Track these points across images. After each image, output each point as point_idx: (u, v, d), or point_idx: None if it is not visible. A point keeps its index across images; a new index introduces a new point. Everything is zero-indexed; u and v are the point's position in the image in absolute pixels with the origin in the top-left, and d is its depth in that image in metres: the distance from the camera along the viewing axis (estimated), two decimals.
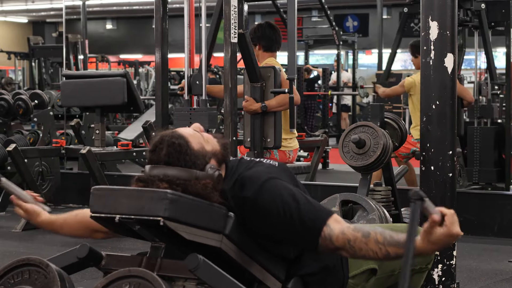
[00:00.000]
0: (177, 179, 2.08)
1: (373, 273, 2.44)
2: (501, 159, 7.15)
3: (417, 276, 2.59)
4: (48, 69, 14.66)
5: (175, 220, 2.00)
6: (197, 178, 2.09)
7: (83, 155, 5.64)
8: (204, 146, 2.18)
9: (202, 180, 2.09)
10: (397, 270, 2.50)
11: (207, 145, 2.19)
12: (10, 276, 2.03)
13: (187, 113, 4.33)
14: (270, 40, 5.16)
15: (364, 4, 19.77)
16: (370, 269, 2.43)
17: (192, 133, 2.20)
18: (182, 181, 2.08)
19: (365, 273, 2.43)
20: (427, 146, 3.23)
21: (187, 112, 4.34)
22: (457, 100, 3.32)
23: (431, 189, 3.19)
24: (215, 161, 2.18)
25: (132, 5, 22.00)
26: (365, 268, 2.42)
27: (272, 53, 5.21)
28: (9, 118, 7.21)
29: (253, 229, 2.16)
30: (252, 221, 2.15)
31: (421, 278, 2.61)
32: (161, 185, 2.07)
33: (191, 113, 4.31)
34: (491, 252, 4.99)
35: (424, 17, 3.23)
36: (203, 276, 1.97)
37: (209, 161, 2.16)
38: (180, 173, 2.09)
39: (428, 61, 3.21)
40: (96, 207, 2.11)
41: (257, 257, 2.17)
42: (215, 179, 2.12)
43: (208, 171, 2.12)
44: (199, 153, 2.15)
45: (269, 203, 2.12)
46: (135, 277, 1.95)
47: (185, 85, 4.57)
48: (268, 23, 5.31)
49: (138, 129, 9.17)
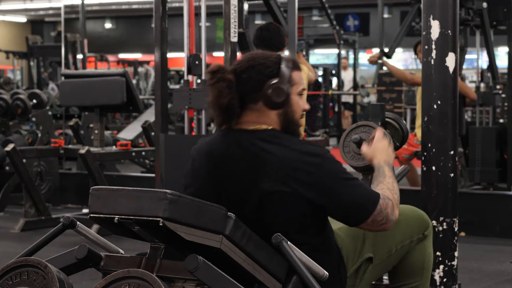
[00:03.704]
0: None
1: (369, 262, 2.44)
2: (503, 159, 7.15)
3: (418, 248, 2.55)
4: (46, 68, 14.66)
5: (174, 221, 1.99)
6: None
7: (82, 155, 5.62)
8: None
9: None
10: (393, 249, 2.48)
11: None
12: (8, 277, 2.02)
13: (187, 93, 4.31)
14: (268, 43, 5.12)
15: (365, 3, 19.80)
16: (365, 259, 2.42)
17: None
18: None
19: (362, 266, 2.42)
20: (428, 146, 3.22)
21: (187, 92, 4.32)
22: (458, 100, 3.31)
23: (432, 189, 3.18)
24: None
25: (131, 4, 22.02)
26: (361, 261, 2.41)
27: None
28: (7, 118, 7.19)
29: (303, 201, 2.18)
30: (312, 189, 2.18)
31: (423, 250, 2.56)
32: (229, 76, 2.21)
33: (190, 93, 4.29)
34: (493, 253, 4.98)
35: (425, 16, 3.22)
36: (202, 277, 1.96)
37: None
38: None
39: (429, 60, 3.20)
40: (95, 208, 2.10)
41: (257, 258, 2.16)
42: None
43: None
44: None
45: (334, 169, 2.21)
46: (134, 278, 1.94)
47: None
48: (267, 25, 5.28)
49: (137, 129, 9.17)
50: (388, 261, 2.51)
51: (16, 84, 16.81)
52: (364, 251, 2.43)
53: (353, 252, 2.43)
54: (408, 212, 2.59)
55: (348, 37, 13.18)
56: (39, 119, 6.98)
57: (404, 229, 2.53)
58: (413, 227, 2.56)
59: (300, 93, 2.32)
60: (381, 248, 2.46)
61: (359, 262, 2.42)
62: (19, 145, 6.29)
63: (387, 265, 2.53)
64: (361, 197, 2.24)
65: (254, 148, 2.23)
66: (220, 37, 17.04)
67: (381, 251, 2.46)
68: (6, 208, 6.66)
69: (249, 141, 2.25)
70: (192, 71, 4.43)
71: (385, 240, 2.49)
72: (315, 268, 2.20)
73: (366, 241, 2.45)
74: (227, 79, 2.22)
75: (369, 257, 2.43)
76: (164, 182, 4.32)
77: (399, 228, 2.50)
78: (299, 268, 2.14)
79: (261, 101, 2.26)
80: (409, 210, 2.61)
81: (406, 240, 2.53)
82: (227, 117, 2.27)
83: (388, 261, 2.51)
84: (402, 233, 2.52)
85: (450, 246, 3.17)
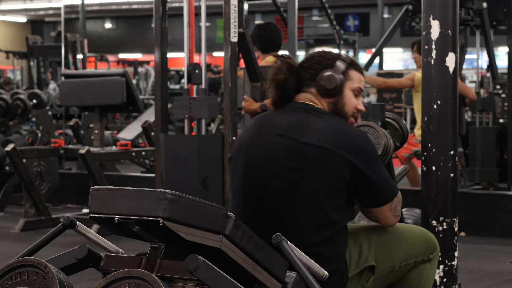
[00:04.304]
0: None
1: (371, 272, 2.44)
2: (503, 159, 7.16)
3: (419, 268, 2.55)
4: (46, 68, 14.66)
5: (174, 221, 1.99)
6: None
7: (82, 155, 5.63)
8: None
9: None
10: (397, 265, 2.48)
11: None
12: (8, 277, 2.02)
13: (187, 102, 4.32)
14: (266, 42, 5.13)
15: (365, 3, 19.82)
16: (368, 267, 2.43)
17: None
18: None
19: (364, 272, 2.43)
20: (428, 146, 3.22)
21: (187, 101, 4.33)
22: (458, 100, 3.31)
23: (432, 189, 3.18)
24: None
25: (131, 4, 22.04)
26: (363, 267, 2.42)
27: (268, 54, 5.18)
28: (7, 118, 7.19)
29: (348, 165, 2.30)
30: (356, 156, 2.31)
31: (422, 272, 2.56)
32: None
33: (190, 102, 4.30)
34: (493, 253, 4.98)
35: (425, 16, 3.22)
36: (202, 277, 1.96)
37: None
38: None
39: (429, 60, 3.20)
40: (95, 208, 2.10)
41: (257, 258, 2.16)
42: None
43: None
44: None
45: (374, 151, 2.41)
46: (134, 278, 1.94)
47: None
48: (267, 24, 5.28)
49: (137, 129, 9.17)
50: (388, 277, 2.50)
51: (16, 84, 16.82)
52: (369, 259, 2.43)
53: (357, 256, 2.43)
54: (417, 231, 2.60)
55: (348, 37, 13.18)
56: (39, 119, 6.98)
57: (410, 248, 2.52)
58: (419, 248, 2.54)
59: (356, 91, 2.47)
60: (384, 261, 2.45)
61: (362, 267, 2.42)
62: (19, 145, 6.30)
63: (386, 281, 2.52)
64: (389, 182, 2.41)
65: (306, 113, 2.39)
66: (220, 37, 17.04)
67: (384, 264, 2.45)
68: (6, 208, 6.66)
69: (302, 107, 2.40)
70: (192, 80, 4.44)
71: (389, 255, 2.48)
72: (315, 268, 2.20)
73: (371, 250, 2.45)
74: (289, 62, 2.43)
75: (372, 265, 2.42)
76: (164, 182, 4.32)
77: (405, 245, 2.51)
78: (299, 268, 2.15)
79: (315, 88, 2.43)
80: (418, 230, 2.62)
81: (411, 259, 2.52)
82: (282, 95, 2.42)
83: (389, 277, 2.50)
84: (407, 251, 2.52)
85: (450, 246, 3.17)
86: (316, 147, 2.31)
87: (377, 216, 2.45)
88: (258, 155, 2.37)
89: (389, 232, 2.50)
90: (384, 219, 2.45)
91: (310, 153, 2.31)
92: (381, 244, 2.48)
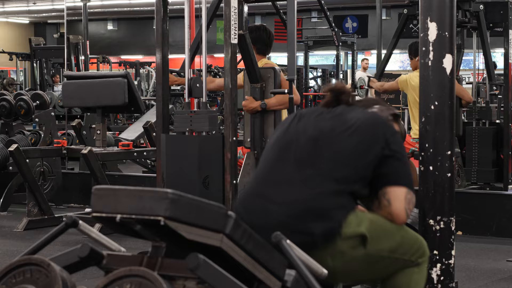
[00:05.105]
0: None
1: (362, 243, 2.45)
2: (499, 159, 7.18)
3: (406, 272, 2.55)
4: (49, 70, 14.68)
5: (175, 220, 2.01)
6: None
7: (84, 155, 5.66)
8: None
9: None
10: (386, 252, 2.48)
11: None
12: (12, 276, 2.03)
13: (188, 115, 4.34)
14: (265, 44, 5.21)
15: (364, 5, 19.81)
16: (361, 236, 2.44)
17: None
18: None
19: (356, 238, 2.43)
20: (425, 146, 3.24)
21: (188, 115, 4.35)
22: (455, 101, 3.34)
23: (430, 189, 3.20)
24: None
25: (133, 6, 22.03)
26: (357, 232, 2.43)
27: (263, 56, 5.26)
28: (10, 119, 7.23)
29: (377, 143, 2.55)
30: (385, 143, 2.55)
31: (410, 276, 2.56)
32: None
33: (191, 116, 4.32)
34: (490, 251, 5.01)
35: (423, 18, 3.24)
36: (203, 275, 1.98)
37: None
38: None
39: (426, 62, 3.22)
40: (97, 207, 2.12)
41: (257, 256, 2.18)
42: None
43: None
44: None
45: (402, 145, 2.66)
46: (136, 276, 1.96)
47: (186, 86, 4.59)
48: (264, 26, 5.36)
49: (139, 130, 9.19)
50: (374, 265, 2.50)
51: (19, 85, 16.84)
52: (364, 230, 2.44)
53: (355, 224, 2.44)
54: (413, 233, 2.63)
55: (346, 39, 13.20)
56: (42, 119, 7.01)
57: (404, 241, 2.55)
58: (412, 246, 2.57)
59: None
60: (377, 241, 2.47)
61: (356, 233, 2.43)
62: (22, 146, 6.34)
63: (371, 269, 2.51)
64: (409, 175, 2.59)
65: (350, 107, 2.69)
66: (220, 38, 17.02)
67: (376, 244, 2.47)
68: (10, 207, 6.68)
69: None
70: (193, 94, 4.47)
71: (383, 238, 2.50)
72: (314, 267, 2.23)
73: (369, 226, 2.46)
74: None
75: (365, 235, 2.44)
76: (165, 181, 4.35)
77: (400, 237, 2.54)
78: (299, 266, 2.17)
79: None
80: (413, 232, 2.64)
81: (401, 253, 2.53)
82: (335, 100, 2.69)
83: (375, 266, 2.51)
84: (400, 243, 2.54)
85: (447, 245, 3.19)
86: (360, 120, 2.58)
87: (390, 199, 2.52)
88: (303, 124, 2.63)
89: (389, 223, 2.54)
90: (397, 203, 2.52)
91: (354, 123, 2.57)
92: (379, 226, 2.51)
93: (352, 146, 2.52)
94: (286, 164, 2.52)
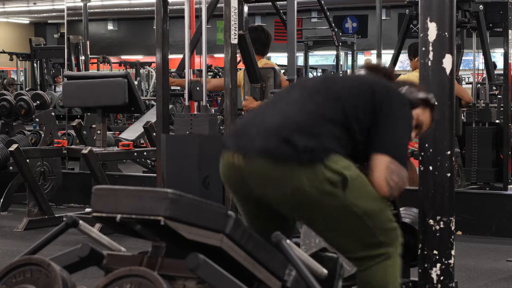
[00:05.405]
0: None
1: (342, 186, 2.38)
2: (499, 159, 7.18)
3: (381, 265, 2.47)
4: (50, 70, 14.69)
5: (175, 220, 2.01)
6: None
7: (84, 155, 5.67)
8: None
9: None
10: (360, 209, 2.41)
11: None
12: (12, 275, 2.04)
13: (188, 118, 4.34)
14: (263, 44, 5.22)
15: (363, 6, 19.80)
16: (343, 177, 2.38)
17: None
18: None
19: (338, 176, 2.37)
20: (425, 146, 3.25)
21: (188, 118, 4.36)
22: (455, 101, 3.34)
23: (429, 189, 3.21)
24: None
25: (133, 6, 22.02)
26: (340, 171, 2.38)
27: (262, 56, 5.27)
28: (11, 119, 7.24)
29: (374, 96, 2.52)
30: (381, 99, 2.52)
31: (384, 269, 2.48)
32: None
33: (191, 119, 4.32)
34: (489, 251, 5.01)
35: (422, 18, 3.24)
36: (203, 275, 1.99)
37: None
38: None
39: (426, 62, 3.23)
40: (97, 207, 2.12)
41: (257, 256, 2.18)
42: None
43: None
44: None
45: (405, 111, 2.59)
46: (136, 276, 1.96)
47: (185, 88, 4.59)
48: (262, 27, 5.37)
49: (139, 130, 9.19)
50: (342, 218, 2.41)
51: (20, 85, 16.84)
52: (347, 172, 2.40)
53: (344, 163, 2.40)
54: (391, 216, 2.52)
55: (346, 39, 13.20)
56: (42, 119, 7.02)
57: (378, 211, 2.46)
58: (384, 223, 2.47)
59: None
60: (356, 193, 2.41)
61: (338, 170, 2.37)
62: (22, 145, 6.35)
63: (334, 221, 2.43)
64: (399, 142, 2.52)
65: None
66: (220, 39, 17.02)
67: (352, 196, 2.40)
68: (10, 207, 6.69)
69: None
70: (193, 97, 4.47)
71: (362, 196, 2.42)
72: (314, 266, 2.23)
73: (357, 177, 2.42)
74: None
75: (347, 177, 2.38)
76: (165, 181, 4.36)
77: (377, 206, 2.45)
78: (298, 266, 2.17)
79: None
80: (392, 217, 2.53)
81: (371, 220, 2.43)
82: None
83: (341, 220, 2.42)
84: (374, 212, 2.44)
85: (447, 245, 3.20)
86: (367, 77, 2.65)
87: (372, 167, 2.45)
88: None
89: (374, 191, 2.46)
90: (377, 172, 2.43)
91: (362, 77, 2.65)
92: (365, 184, 2.44)
93: (347, 85, 2.57)
94: (292, 92, 2.62)
